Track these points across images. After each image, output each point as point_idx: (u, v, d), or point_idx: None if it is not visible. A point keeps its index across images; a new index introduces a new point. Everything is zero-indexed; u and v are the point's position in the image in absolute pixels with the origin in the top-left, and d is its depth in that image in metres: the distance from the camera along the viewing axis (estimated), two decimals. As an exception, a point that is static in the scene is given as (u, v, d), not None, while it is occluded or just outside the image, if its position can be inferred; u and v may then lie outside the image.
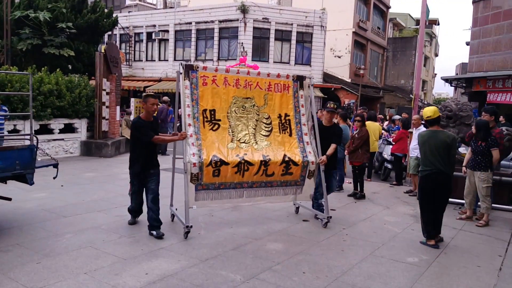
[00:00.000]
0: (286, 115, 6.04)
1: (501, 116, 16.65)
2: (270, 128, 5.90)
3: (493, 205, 7.15)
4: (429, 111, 5.80)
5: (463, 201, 7.31)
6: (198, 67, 5.46)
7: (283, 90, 6.05)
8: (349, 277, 4.38)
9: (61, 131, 11.73)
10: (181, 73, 5.38)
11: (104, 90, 12.56)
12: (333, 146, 6.32)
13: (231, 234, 5.57)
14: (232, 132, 5.60)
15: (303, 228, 6.05)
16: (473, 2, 24.09)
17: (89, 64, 18.06)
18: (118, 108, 13.73)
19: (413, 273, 4.60)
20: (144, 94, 4.67)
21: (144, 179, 5.48)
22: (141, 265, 4.35)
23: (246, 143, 5.65)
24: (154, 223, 5.35)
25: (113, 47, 13.91)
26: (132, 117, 14.52)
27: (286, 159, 5.79)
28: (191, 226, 5.29)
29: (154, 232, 5.31)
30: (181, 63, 5.39)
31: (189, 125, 5.30)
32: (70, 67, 17.80)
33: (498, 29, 22.06)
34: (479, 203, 6.91)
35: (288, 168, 5.84)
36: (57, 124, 11.54)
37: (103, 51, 12.94)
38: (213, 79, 5.53)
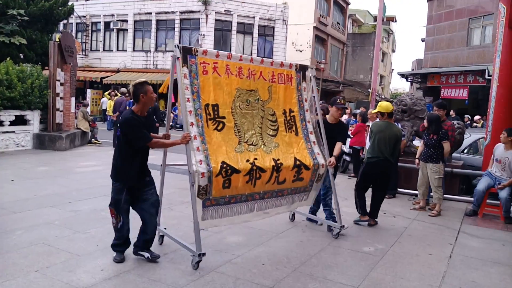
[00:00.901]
0: (290, 111, 5.21)
1: (452, 111, 17.38)
2: (276, 127, 5.01)
3: (444, 195, 7.46)
4: (384, 106, 6.27)
5: (416, 192, 7.59)
6: (197, 51, 4.42)
7: (286, 81, 5.22)
8: (307, 267, 4.44)
9: (12, 123, 11.20)
10: (178, 58, 4.30)
11: (58, 80, 12.09)
12: (339, 145, 5.73)
13: (190, 227, 5.47)
14: (239, 132, 4.63)
15: (263, 220, 6.04)
16: (428, 0, 24.92)
17: (42, 53, 17.37)
18: (73, 99, 13.27)
19: (369, 262, 4.72)
20: (136, 82, 4.12)
21: (138, 191, 4.33)
22: (97, 261, 4.23)
23: (254, 145, 4.71)
24: (150, 240, 4.39)
25: (68, 36, 13.41)
26: (88, 109, 14.10)
27: (297, 162, 5.01)
28: (204, 254, 4.24)
29: (147, 254, 4.32)
30: (177, 45, 4.31)
31: (192, 124, 4.24)
32: (21, 56, 17.02)
33: (451, 27, 22.96)
34: (431, 194, 7.18)
35: (299, 173, 5.08)
36: (7, 115, 11.00)
37: (57, 40, 12.43)
38: (214, 66, 4.52)
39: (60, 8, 18.63)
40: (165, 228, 4.96)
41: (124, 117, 4.15)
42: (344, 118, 18.10)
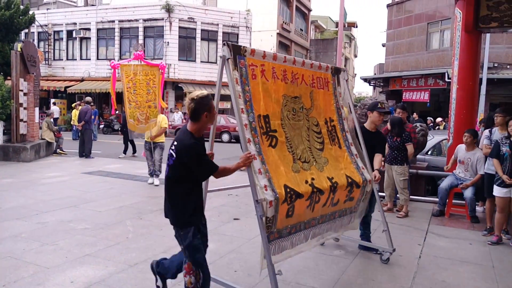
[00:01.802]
0: (330, 120, 4.57)
1: (415, 113, 17.94)
2: (321, 139, 4.34)
3: (411, 196, 7.67)
4: None
5: (383, 194, 7.79)
6: (245, 51, 3.67)
7: (324, 86, 4.59)
8: (279, 271, 4.49)
9: (-28, 135, 10.83)
10: (228, 59, 3.51)
11: (21, 90, 11.78)
12: (379, 157, 5.11)
13: (160, 236, 5.49)
14: (291, 147, 3.92)
15: (233, 227, 6.11)
16: (387, 6, 25.67)
17: (4, 63, 16.90)
18: (37, 109, 12.93)
19: (340, 265, 4.79)
20: (198, 94, 3.13)
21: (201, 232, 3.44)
22: (66, 273, 4.17)
23: (306, 162, 4.02)
24: (176, 274, 3.70)
25: (30, 45, 13.07)
26: (52, 120, 13.76)
27: (349, 180, 4.37)
28: None
29: (160, 283, 3.75)
30: (226, 43, 3.52)
31: (249, 141, 3.50)
32: (-19, 66, 16.51)
33: (411, 32, 23.70)
34: (398, 196, 7.39)
35: (351, 192, 4.44)
36: (-33, 128, 10.65)
37: (19, 49, 12.13)
38: (261, 69, 3.81)
39: (21, 17, 18.20)
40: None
41: (183, 143, 3.12)
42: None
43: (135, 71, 8.91)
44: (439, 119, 18.58)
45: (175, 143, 3.19)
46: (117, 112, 17.79)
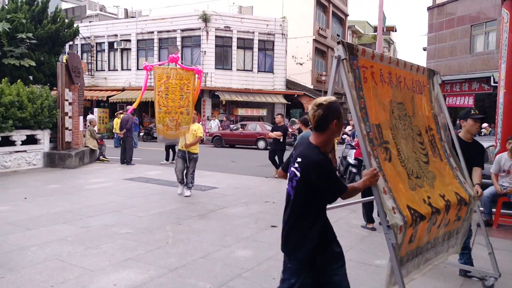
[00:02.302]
0: (430, 128, 4.00)
1: (459, 119, 17.34)
2: (426, 151, 3.80)
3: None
4: None
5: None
6: (358, 50, 3.19)
7: (422, 90, 4.05)
8: (317, 278, 4.46)
9: (24, 142, 11.41)
10: (343, 59, 3.05)
11: (67, 100, 12.32)
12: (479, 171, 4.58)
13: (199, 242, 5.58)
14: (403, 161, 3.41)
15: (271, 234, 6.11)
16: (428, 9, 25.05)
17: (50, 74, 17.72)
18: (81, 118, 13.48)
19: (382, 275, 4.62)
20: (328, 100, 2.73)
21: (323, 269, 2.76)
22: (109, 277, 4.31)
23: (418, 177, 3.50)
24: None
25: (75, 57, 13.68)
26: (96, 128, 14.27)
27: (458, 197, 3.82)
28: None
29: None
30: (341, 41, 3.07)
31: (369, 154, 3.01)
32: (31, 77, 17.40)
33: (453, 35, 22.95)
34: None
35: (459, 211, 3.89)
36: (19, 135, 11.22)
37: (64, 61, 12.71)
38: (371, 71, 3.32)
39: (66, 30, 19.05)
40: None
41: (311, 159, 2.62)
42: (348, 129, 18.20)
43: (169, 74, 8.39)
44: (485, 125, 17.90)
45: (299, 159, 2.68)
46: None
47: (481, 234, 6.33)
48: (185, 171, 8.60)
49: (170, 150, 14.16)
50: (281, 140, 11.34)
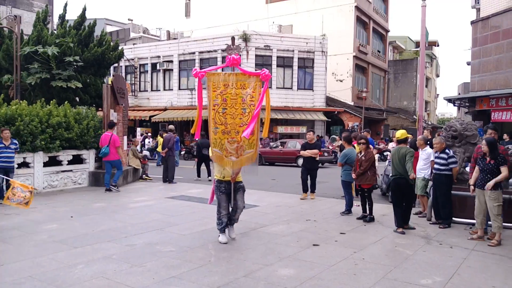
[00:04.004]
0: None
1: (505, 134, 16.69)
2: None
3: (503, 224, 7.09)
4: (398, 134, 8.00)
5: (473, 221, 7.28)
6: None
7: None
8: (363, 300, 4.33)
9: (70, 162, 11.83)
10: None
11: (112, 120, 12.72)
12: None
13: (241, 260, 5.56)
14: None
15: (313, 253, 6.02)
16: (471, 23, 24.42)
17: (96, 95, 18.46)
18: (125, 138, 13.87)
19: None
20: None
21: None
22: (154, 294, 4.35)
23: None
24: None
25: (119, 78, 14.16)
26: (139, 147, 14.61)
27: None
28: None
29: None
30: None
31: None
32: (77, 99, 18.15)
33: (498, 48, 22.25)
34: (489, 223, 6.86)
35: None
36: (65, 155, 11.65)
37: (110, 82, 13.19)
38: None
39: (111, 53, 19.83)
40: None
41: None
42: (391, 146, 17.79)
43: (226, 81, 6.38)
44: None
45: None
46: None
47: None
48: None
49: (203, 164, 14.56)
50: (317, 159, 10.87)
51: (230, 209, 6.58)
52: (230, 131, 6.33)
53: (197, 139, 17.23)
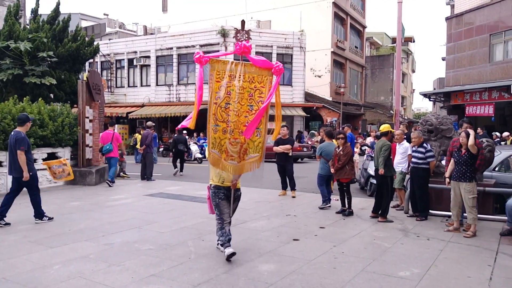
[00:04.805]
0: None
1: (479, 128, 17.10)
2: None
3: (478, 215, 7.25)
4: (381, 127, 8.41)
5: (449, 213, 7.43)
6: None
7: None
8: (343, 294, 4.36)
9: (45, 160, 11.54)
10: None
11: (87, 117, 12.48)
12: None
13: (222, 257, 5.52)
14: None
15: (293, 248, 6.03)
16: (446, 19, 24.88)
17: (71, 92, 18.04)
18: (101, 135, 13.62)
19: (406, 287, 4.61)
20: None
21: None
22: (133, 293, 4.28)
23: None
24: None
25: (95, 74, 13.89)
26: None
27: None
28: None
29: None
30: None
31: None
32: (52, 95, 17.71)
33: (472, 44, 22.77)
34: (465, 214, 7.01)
35: None
36: (40, 153, 11.36)
37: (85, 79, 12.92)
38: None
39: (86, 48, 19.40)
40: None
41: None
42: (369, 140, 18.01)
43: (233, 72, 5.47)
44: (506, 134, 17.53)
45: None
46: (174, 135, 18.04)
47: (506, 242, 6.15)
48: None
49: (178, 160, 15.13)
50: (290, 154, 10.81)
51: None
52: (233, 131, 5.34)
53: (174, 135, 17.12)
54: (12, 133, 7.18)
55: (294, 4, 31.83)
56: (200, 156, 20.25)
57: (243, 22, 18.60)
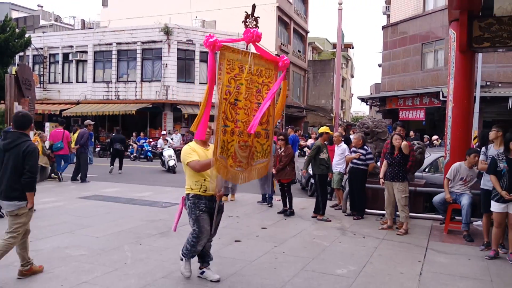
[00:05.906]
0: None
1: (411, 131, 18.02)
2: None
3: (410, 213, 7.60)
4: (320, 129, 8.54)
5: (383, 212, 7.73)
6: None
7: None
8: (282, 295, 4.36)
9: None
10: None
11: (16, 114, 11.71)
12: None
13: (160, 261, 5.35)
14: None
15: (235, 249, 5.99)
16: (382, 28, 26.05)
17: (-2, 87, 16.85)
18: (31, 133, 12.81)
19: (343, 284, 4.72)
20: None
21: None
22: (62, 302, 4.02)
23: None
24: None
25: (25, 68, 13.07)
26: (47, 144, 13.57)
27: None
28: None
29: None
30: None
31: None
32: (-24, 90, 16.46)
33: (406, 52, 24.00)
34: (398, 213, 7.32)
35: None
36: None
37: (14, 73, 12.12)
38: None
39: (16, 40, 18.28)
40: None
41: None
42: (310, 142, 18.39)
43: (242, 62, 4.55)
44: (435, 137, 18.66)
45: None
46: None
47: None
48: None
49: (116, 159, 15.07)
50: None
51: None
52: (243, 132, 4.45)
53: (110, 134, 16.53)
54: None
55: (239, 6, 31.72)
56: (173, 163, 15.71)
57: (253, 7, 18.26)
